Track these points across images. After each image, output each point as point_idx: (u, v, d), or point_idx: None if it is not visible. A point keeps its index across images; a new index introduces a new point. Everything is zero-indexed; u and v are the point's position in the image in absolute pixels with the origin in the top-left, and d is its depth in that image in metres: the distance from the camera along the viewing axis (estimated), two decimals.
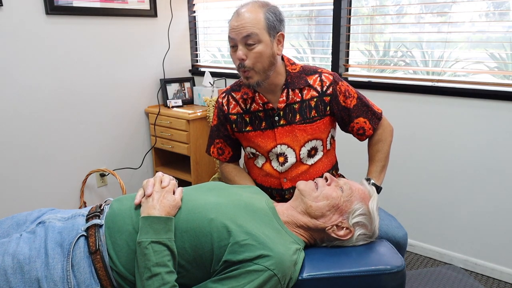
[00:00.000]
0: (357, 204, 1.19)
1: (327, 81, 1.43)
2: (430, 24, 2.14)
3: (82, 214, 1.15)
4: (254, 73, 1.33)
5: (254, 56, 1.30)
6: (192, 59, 3.10)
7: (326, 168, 1.49)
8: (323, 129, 1.45)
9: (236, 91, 1.52)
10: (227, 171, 1.60)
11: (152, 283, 0.96)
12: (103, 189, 2.69)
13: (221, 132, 1.56)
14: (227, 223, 1.05)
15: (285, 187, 1.47)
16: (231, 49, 1.35)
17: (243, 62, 1.32)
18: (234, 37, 1.31)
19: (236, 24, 1.30)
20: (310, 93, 1.42)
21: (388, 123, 1.54)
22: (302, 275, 1.09)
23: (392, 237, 1.36)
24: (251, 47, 1.30)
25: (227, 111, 1.51)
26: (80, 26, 2.39)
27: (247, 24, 1.28)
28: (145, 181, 1.16)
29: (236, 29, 1.29)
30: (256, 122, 1.46)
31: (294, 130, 1.42)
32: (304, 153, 1.44)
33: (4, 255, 1.01)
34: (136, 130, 2.81)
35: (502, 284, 2.03)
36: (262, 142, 1.45)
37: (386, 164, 1.49)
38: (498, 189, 1.99)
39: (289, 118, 1.42)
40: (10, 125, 2.18)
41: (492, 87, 1.95)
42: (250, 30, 1.28)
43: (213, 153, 1.61)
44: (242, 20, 1.29)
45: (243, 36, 1.29)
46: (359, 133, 1.50)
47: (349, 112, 1.45)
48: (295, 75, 1.43)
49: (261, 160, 1.49)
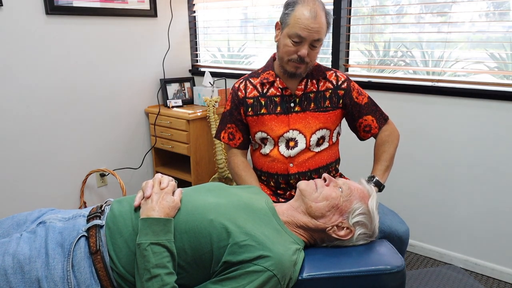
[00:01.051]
0: (357, 204, 1.19)
1: (342, 77, 1.56)
2: (430, 24, 2.14)
3: (82, 214, 1.15)
4: (305, 67, 1.44)
5: (314, 56, 1.44)
6: (192, 59, 3.10)
7: (330, 158, 1.55)
8: (334, 120, 1.54)
9: (254, 77, 1.59)
10: (236, 163, 1.62)
11: (152, 285, 0.96)
12: (103, 189, 2.69)
13: (234, 117, 1.60)
14: (226, 224, 1.05)
15: (291, 172, 1.51)
16: (291, 41, 1.39)
17: (303, 58, 1.39)
18: (306, 37, 1.37)
19: (312, 26, 1.35)
20: (325, 85, 1.53)
21: (396, 128, 1.61)
22: (302, 275, 1.09)
23: (395, 231, 1.38)
24: (314, 48, 1.41)
25: (243, 96, 1.57)
26: (80, 26, 2.39)
27: (321, 29, 1.38)
28: (144, 182, 1.16)
29: (311, 30, 1.36)
30: (271, 106, 1.53)
31: (308, 117, 1.51)
32: (314, 141, 1.51)
33: (4, 255, 1.01)
34: (136, 130, 2.81)
35: (502, 284, 2.03)
36: (275, 126, 1.51)
37: (391, 165, 1.54)
38: (498, 189, 1.99)
39: (304, 106, 1.51)
40: (10, 125, 2.19)
41: (492, 87, 1.95)
42: (321, 36, 1.39)
43: (223, 138, 1.64)
44: (318, 24, 1.36)
45: (315, 39, 1.38)
46: (365, 130, 1.58)
47: (360, 108, 1.55)
48: (314, 68, 1.53)
49: (269, 146, 1.54)
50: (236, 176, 1.61)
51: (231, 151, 1.65)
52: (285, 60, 1.43)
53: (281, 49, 1.43)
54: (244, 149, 1.66)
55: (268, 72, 1.55)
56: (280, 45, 1.44)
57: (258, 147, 1.59)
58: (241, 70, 2.87)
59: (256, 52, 2.90)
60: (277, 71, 1.54)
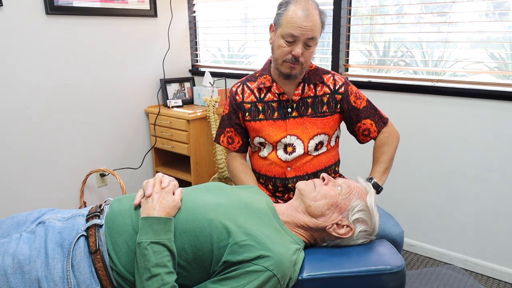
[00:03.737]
0: (356, 201, 1.19)
1: (339, 81, 1.53)
2: (430, 24, 2.14)
3: (82, 214, 1.14)
4: (300, 67, 1.41)
5: (308, 55, 1.40)
6: (192, 59, 3.10)
7: (329, 161, 1.54)
8: (332, 125, 1.52)
9: (251, 81, 1.57)
10: (234, 166, 1.61)
11: (151, 284, 0.96)
12: (103, 189, 2.69)
13: (232, 121, 1.59)
14: (226, 223, 1.05)
15: (288, 176, 1.50)
16: (285, 42, 1.38)
17: (297, 57, 1.37)
18: (298, 36, 1.35)
19: (305, 25, 1.34)
20: (323, 89, 1.51)
21: (395, 129, 1.59)
22: (302, 275, 1.09)
23: (388, 234, 1.37)
24: (308, 47, 1.38)
25: (241, 100, 1.56)
26: (80, 26, 2.39)
27: (314, 28, 1.35)
28: (145, 181, 1.16)
29: (304, 29, 1.34)
30: (269, 112, 1.52)
31: (305, 122, 1.49)
32: (312, 146, 1.49)
33: (4, 255, 1.01)
34: (136, 130, 2.81)
35: (502, 284, 2.03)
36: (273, 131, 1.50)
37: (389, 167, 1.53)
38: (498, 189, 1.99)
39: (301, 111, 1.49)
40: (10, 125, 2.19)
41: (492, 87, 1.95)
42: (315, 35, 1.37)
43: (222, 142, 1.63)
44: (311, 22, 1.34)
45: (308, 38, 1.36)
46: (364, 134, 1.56)
47: (358, 112, 1.53)
48: (312, 72, 1.52)
49: (267, 150, 1.53)
50: (235, 179, 1.60)
51: (230, 154, 1.65)
52: (279, 62, 1.41)
53: (276, 50, 1.41)
54: (244, 152, 1.65)
55: (265, 76, 1.52)
56: (274, 46, 1.42)
57: (257, 150, 1.59)
58: (241, 70, 2.87)
59: (256, 52, 2.90)
60: (273, 74, 1.51)
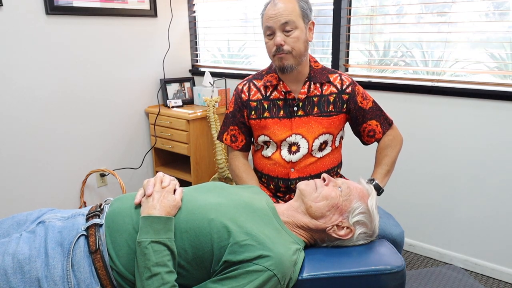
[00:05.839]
0: (357, 203, 1.19)
1: (346, 81, 1.52)
2: (430, 24, 2.14)
3: (82, 213, 1.15)
4: (291, 56, 1.40)
5: (292, 41, 1.38)
6: (192, 59, 3.10)
7: (332, 163, 1.54)
8: (337, 125, 1.52)
9: (257, 79, 1.57)
10: (236, 165, 1.61)
11: (152, 283, 0.96)
12: (103, 189, 2.69)
13: (236, 119, 1.59)
14: (227, 223, 1.05)
15: (291, 177, 1.50)
16: (267, 37, 1.42)
17: (281, 46, 1.37)
18: (272, 25, 1.37)
19: (273, 13, 1.36)
20: (329, 89, 1.50)
21: (399, 133, 1.59)
22: (302, 275, 1.09)
23: (388, 234, 1.37)
24: (288, 33, 1.37)
25: (247, 98, 1.56)
26: (80, 26, 2.39)
27: (284, 12, 1.35)
28: (145, 180, 1.16)
29: (273, 17, 1.36)
30: (274, 110, 1.51)
31: (311, 121, 1.49)
32: (316, 145, 1.49)
33: (4, 255, 1.01)
34: (136, 130, 2.81)
35: (502, 284, 2.03)
36: (278, 130, 1.50)
37: (391, 170, 1.54)
38: (498, 189, 1.99)
39: (307, 110, 1.49)
40: (10, 125, 2.18)
41: (492, 87, 1.95)
42: (287, 18, 1.35)
43: (225, 140, 1.63)
44: (279, 9, 1.36)
45: (282, 23, 1.36)
46: (369, 135, 1.56)
47: (364, 113, 1.53)
48: (318, 71, 1.52)
49: (272, 149, 1.53)
50: (237, 178, 1.60)
51: (233, 153, 1.64)
52: (271, 57, 1.45)
53: (267, 49, 1.45)
54: (246, 152, 1.65)
55: (272, 74, 1.53)
56: (266, 46, 1.46)
57: (260, 148, 1.58)
58: (241, 70, 2.87)
59: (256, 52, 2.90)
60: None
